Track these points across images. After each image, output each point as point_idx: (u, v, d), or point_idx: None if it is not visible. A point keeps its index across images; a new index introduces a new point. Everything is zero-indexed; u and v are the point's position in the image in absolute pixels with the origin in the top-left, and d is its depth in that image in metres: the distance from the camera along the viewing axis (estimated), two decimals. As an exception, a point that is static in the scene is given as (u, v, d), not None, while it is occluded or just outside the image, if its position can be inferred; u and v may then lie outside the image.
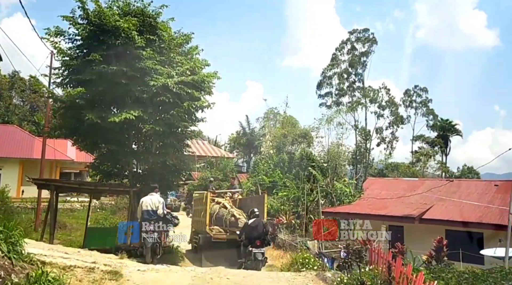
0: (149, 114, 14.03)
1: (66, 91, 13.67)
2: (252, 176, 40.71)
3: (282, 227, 26.30)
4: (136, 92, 13.95)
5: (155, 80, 13.71)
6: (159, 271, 10.42)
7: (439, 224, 24.20)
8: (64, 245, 19.27)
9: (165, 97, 13.70)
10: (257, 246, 11.67)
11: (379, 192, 29.10)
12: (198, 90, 14.60)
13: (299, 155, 45.05)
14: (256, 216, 12.40)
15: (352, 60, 47.99)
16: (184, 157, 16.68)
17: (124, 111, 13.58)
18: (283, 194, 35.72)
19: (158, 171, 15.63)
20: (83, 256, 11.21)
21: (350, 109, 47.17)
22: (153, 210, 11.97)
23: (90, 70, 13.51)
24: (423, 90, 50.19)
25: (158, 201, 12.17)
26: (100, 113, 13.59)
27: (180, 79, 13.75)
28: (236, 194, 17.54)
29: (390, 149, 48.20)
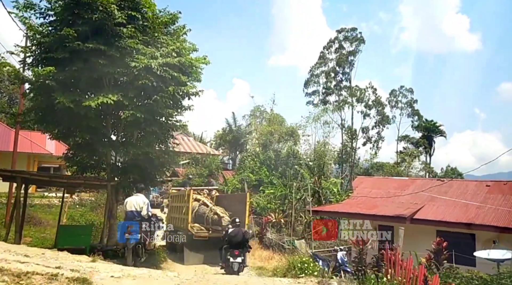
0: (129, 99, 12.22)
1: (34, 71, 11.72)
2: (238, 173, 39.06)
3: (269, 225, 24.64)
4: (115, 74, 12.15)
5: (136, 61, 11.93)
6: (136, 278, 8.66)
7: (430, 224, 22.98)
8: (36, 243, 17.37)
9: (148, 80, 11.94)
10: (234, 255, 11.78)
11: (369, 191, 27.72)
12: (185, 75, 12.85)
13: (286, 152, 43.68)
14: (237, 225, 12.52)
15: (340, 59, 46.72)
16: (168, 149, 14.87)
17: (101, 95, 11.76)
18: (270, 191, 34.30)
19: (140, 164, 13.84)
20: (47, 259, 9.38)
21: (337, 108, 45.93)
22: (137, 211, 11.46)
23: (62, 48, 11.65)
24: (409, 90, 49.26)
25: (143, 202, 11.61)
26: (74, 97, 11.73)
27: (165, 61, 11.99)
28: (213, 191, 17.08)
29: (376, 149, 47.16)
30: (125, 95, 12.06)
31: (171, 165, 14.87)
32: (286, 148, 46.19)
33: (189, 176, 23.60)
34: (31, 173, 12.30)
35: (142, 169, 13.72)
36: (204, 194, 16.25)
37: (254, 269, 14.99)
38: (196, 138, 54.89)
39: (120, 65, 12.07)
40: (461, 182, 25.63)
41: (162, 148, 14.68)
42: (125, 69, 12.06)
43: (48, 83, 11.66)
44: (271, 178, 36.16)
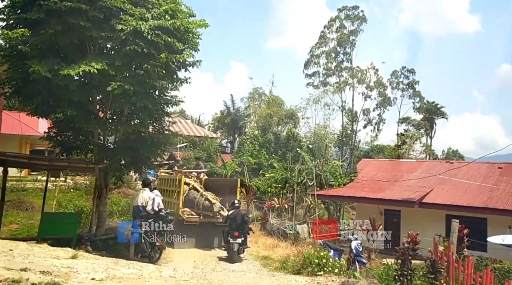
0: (116, 68, 10.29)
1: (4, 34, 9.76)
2: (237, 156, 37.29)
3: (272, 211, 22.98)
4: (99, 39, 10.23)
5: (124, 23, 10.02)
6: (123, 280, 6.91)
7: (440, 208, 21.42)
8: (22, 231, 15.70)
9: (137, 46, 10.04)
10: (234, 237, 12.06)
11: (374, 174, 26.05)
12: (181, 42, 10.92)
13: (286, 135, 41.91)
14: (236, 207, 12.83)
15: (341, 39, 44.53)
16: (163, 128, 12.98)
17: (83, 63, 9.86)
18: (270, 175, 32.61)
19: (131, 144, 11.99)
20: (14, 257, 7.61)
21: (337, 90, 43.97)
22: (142, 206, 11.03)
23: (37, 7, 9.70)
24: (410, 71, 47.18)
25: (148, 197, 11.12)
26: (51, 65, 9.81)
27: (156, 24, 10.08)
28: (202, 175, 16.29)
29: (377, 131, 45.31)
30: (111, 63, 10.16)
31: (166, 146, 13.03)
32: (285, 130, 44.51)
33: (176, 159, 23.05)
34: (6, 154, 10.44)
35: (134, 150, 11.88)
36: (193, 177, 15.48)
37: (258, 258, 13.36)
38: (194, 121, 52.92)
39: (105, 29, 10.16)
40: (471, 164, 23.94)
41: (156, 127, 12.81)
42: (110, 33, 10.15)
43: (21, 49, 9.74)
44: (271, 161, 34.45)
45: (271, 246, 15.47)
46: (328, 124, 43.63)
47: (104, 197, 12.39)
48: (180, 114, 53.84)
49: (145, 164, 13.01)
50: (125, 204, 16.71)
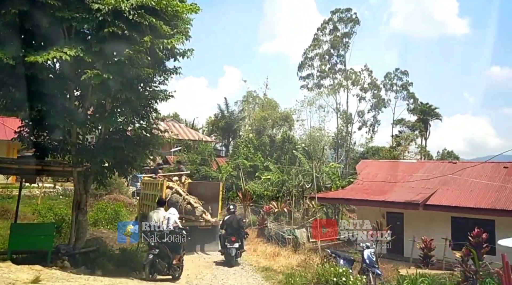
0: (93, 54, 8.53)
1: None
2: (232, 159, 35.55)
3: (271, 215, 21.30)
4: (73, 20, 8.48)
5: (101, 2, 8.32)
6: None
7: (445, 210, 19.85)
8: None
9: (117, 28, 8.34)
10: (231, 241, 12.08)
11: (374, 175, 24.46)
12: (168, 26, 9.24)
13: (281, 138, 40.33)
14: (232, 212, 12.95)
15: (334, 41, 43.13)
16: (151, 125, 11.26)
17: (54, 49, 8.14)
18: (266, 178, 30.97)
19: (114, 144, 10.24)
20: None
21: (332, 92, 42.48)
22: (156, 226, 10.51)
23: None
24: (404, 73, 45.92)
25: (163, 217, 10.90)
26: (16, 51, 8.09)
27: (139, 2, 8.39)
28: (183, 178, 16.11)
29: (372, 133, 43.88)
30: (87, 49, 8.43)
31: (155, 146, 11.27)
32: (280, 133, 42.97)
33: (158, 162, 21.69)
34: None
35: (117, 151, 10.12)
36: (175, 181, 15.31)
37: (259, 270, 11.69)
38: (188, 125, 51.15)
39: (79, 9, 8.45)
40: (475, 164, 22.49)
41: (143, 124, 11.06)
42: (86, 13, 8.43)
43: (-21, 32, 8.02)
44: (267, 164, 32.81)
45: (272, 254, 13.79)
46: (323, 127, 42.16)
47: (84, 205, 10.61)
48: (174, 118, 52.21)
49: (132, 167, 11.24)
50: (112, 212, 14.89)
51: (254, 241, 15.93)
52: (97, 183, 10.95)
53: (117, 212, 14.55)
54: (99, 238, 12.05)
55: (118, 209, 14.63)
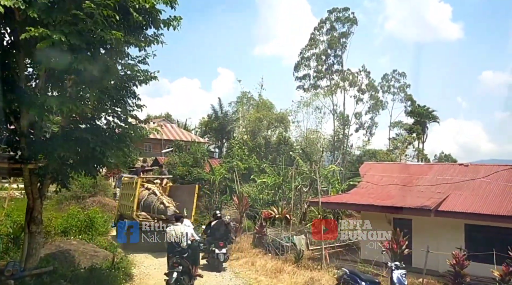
0: (41, 8, 6.05)
1: None
2: (225, 161, 33.01)
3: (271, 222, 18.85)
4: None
5: None
6: None
7: (459, 217, 17.51)
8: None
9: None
10: (219, 247, 11.80)
11: (379, 179, 22.05)
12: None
13: (276, 139, 37.95)
14: (218, 217, 12.86)
15: (332, 41, 41.00)
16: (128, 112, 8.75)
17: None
18: (262, 180, 28.54)
19: (76, 135, 7.70)
20: None
21: (328, 93, 40.24)
22: (177, 243, 10.00)
23: None
24: (401, 75, 44.00)
25: (181, 232, 10.21)
26: None
27: None
28: (165, 181, 16.23)
29: (369, 135, 41.68)
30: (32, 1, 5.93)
31: (132, 139, 8.69)
32: (276, 134, 40.64)
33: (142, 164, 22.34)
34: None
35: (81, 144, 7.60)
36: (157, 183, 15.39)
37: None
38: (180, 125, 48.56)
39: None
40: (489, 167, 20.24)
41: (118, 112, 8.48)
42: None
43: None
44: (263, 166, 30.36)
45: (273, 270, 11.29)
46: (320, 128, 39.92)
47: (39, 212, 8.08)
48: (166, 118, 49.60)
49: (101, 165, 8.69)
50: (86, 218, 12.25)
51: (250, 252, 13.48)
52: (58, 185, 8.37)
53: (91, 219, 11.95)
54: (66, 251, 9.53)
55: (92, 215, 12.04)
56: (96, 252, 10.07)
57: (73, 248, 10.02)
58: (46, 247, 9.73)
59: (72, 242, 10.21)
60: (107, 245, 11.58)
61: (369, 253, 18.51)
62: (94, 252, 10.11)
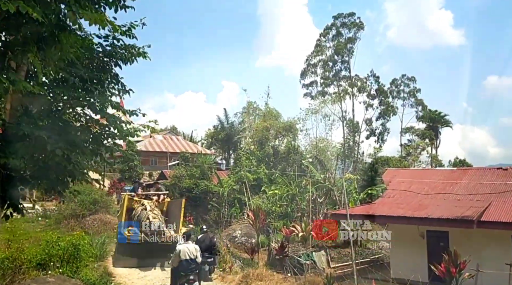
0: None
1: None
2: (233, 172, 30.31)
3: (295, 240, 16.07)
4: None
5: None
6: None
7: (506, 228, 14.68)
8: None
9: None
10: (204, 257, 11.69)
11: (408, 186, 19.24)
12: None
13: (285, 148, 35.27)
14: (204, 231, 13.26)
15: (338, 47, 38.64)
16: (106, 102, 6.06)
17: None
18: (273, 191, 25.78)
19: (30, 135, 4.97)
20: None
21: (337, 99, 37.62)
22: (191, 259, 9.94)
23: None
24: (411, 79, 41.43)
25: (195, 249, 10.26)
26: None
27: None
28: (161, 197, 15.87)
29: (381, 142, 38.89)
30: None
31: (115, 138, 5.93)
32: (284, 144, 38.01)
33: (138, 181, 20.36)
34: None
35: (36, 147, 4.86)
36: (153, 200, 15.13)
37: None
38: (186, 137, 45.94)
39: None
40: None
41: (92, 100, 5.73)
42: None
43: None
44: (275, 176, 27.63)
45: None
46: (330, 136, 37.23)
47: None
48: (171, 131, 47.12)
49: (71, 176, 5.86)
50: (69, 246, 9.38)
51: (272, 279, 10.63)
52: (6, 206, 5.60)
53: (75, 246, 9.20)
54: None
55: (76, 241, 9.28)
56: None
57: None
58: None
59: (48, 279, 7.49)
60: (95, 280, 8.79)
61: (401, 271, 15.72)
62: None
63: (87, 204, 20.94)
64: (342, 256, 22.53)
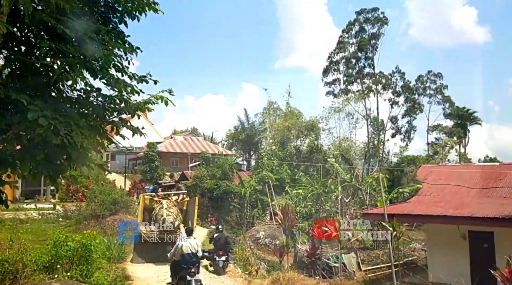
0: None
1: None
2: (255, 173, 29.02)
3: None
4: None
5: None
6: None
7: (561, 227, 12.79)
8: None
9: None
10: (219, 255, 12.88)
11: (446, 184, 17.41)
12: None
13: (308, 148, 33.78)
14: (220, 231, 14.11)
15: (361, 43, 36.86)
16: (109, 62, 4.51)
17: None
18: (297, 191, 24.37)
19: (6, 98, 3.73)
20: None
21: (361, 97, 35.85)
22: (193, 253, 10.19)
23: None
24: (437, 76, 39.29)
25: (197, 244, 10.50)
26: None
27: None
28: (181, 196, 15.93)
29: (407, 140, 36.86)
30: None
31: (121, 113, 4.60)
32: (306, 143, 36.52)
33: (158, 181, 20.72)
34: None
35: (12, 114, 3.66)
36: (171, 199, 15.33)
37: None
38: (207, 139, 44.91)
39: None
40: None
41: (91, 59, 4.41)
42: None
43: None
44: (299, 175, 26.20)
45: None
46: (354, 134, 35.51)
47: None
48: (192, 132, 46.22)
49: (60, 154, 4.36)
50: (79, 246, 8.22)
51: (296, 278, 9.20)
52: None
53: (86, 247, 8.06)
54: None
55: (87, 241, 8.12)
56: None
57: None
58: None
59: (54, 284, 6.29)
60: (108, 284, 7.60)
61: (442, 275, 14.06)
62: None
63: (107, 204, 20.05)
64: (372, 258, 20.90)
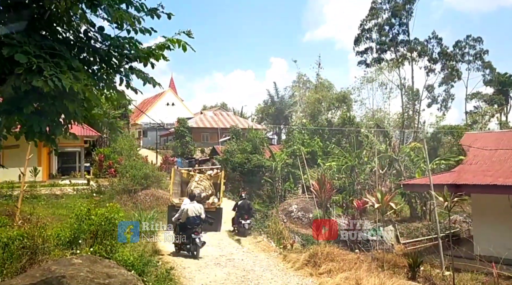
0: None
1: None
2: (286, 146, 27.94)
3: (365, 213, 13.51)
4: None
5: None
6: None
7: None
8: None
9: None
10: (244, 218, 13.98)
11: (494, 152, 15.68)
12: None
13: (340, 120, 32.17)
14: (243, 198, 14.93)
15: (396, 8, 34.16)
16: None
17: None
18: (331, 163, 23.17)
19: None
20: None
21: (395, 65, 33.53)
22: (197, 215, 11.03)
23: None
24: (477, 40, 36.12)
25: (200, 208, 11.36)
26: None
27: None
28: (215, 171, 16.75)
29: (444, 109, 34.43)
30: None
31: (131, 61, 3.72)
32: (337, 116, 34.87)
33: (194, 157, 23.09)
34: None
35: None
36: (205, 174, 16.07)
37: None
38: (236, 113, 44.01)
39: None
40: None
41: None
42: None
43: None
44: (330, 148, 24.88)
45: None
46: (388, 104, 33.51)
47: None
48: (222, 107, 45.52)
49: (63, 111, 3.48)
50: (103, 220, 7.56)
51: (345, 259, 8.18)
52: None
53: (110, 221, 7.39)
54: (55, 280, 4.94)
55: (110, 215, 7.43)
56: (110, 277, 5.35)
57: (70, 272, 5.37)
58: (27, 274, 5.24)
59: (74, 261, 5.59)
60: (134, 260, 6.89)
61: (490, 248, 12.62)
62: (107, 277, 5.39)
63: (138, 178, 19.70)
64: (410, 231, 19.64)
